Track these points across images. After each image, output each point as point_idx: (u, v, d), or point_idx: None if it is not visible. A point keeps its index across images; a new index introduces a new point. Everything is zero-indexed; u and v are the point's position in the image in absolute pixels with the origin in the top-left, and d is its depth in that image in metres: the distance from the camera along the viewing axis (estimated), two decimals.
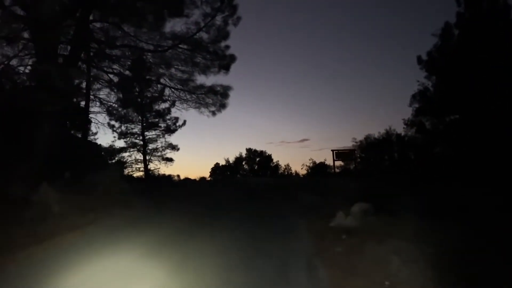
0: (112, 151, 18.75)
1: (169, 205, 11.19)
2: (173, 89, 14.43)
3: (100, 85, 16.40)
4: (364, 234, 4.67)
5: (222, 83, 14.18)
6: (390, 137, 24.98)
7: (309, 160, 36.31)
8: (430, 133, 13.99)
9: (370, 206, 5.90)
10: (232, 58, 14.16)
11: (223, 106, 14.26)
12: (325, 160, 29.53)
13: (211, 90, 13.86)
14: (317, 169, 28.67)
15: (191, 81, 13.69)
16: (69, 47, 12.35)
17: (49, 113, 10.32)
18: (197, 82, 13.85)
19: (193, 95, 14.01)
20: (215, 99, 14.00)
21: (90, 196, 10.77)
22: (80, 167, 13.43)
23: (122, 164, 21.18)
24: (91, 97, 16.49)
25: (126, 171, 23.01)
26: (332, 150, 21.00)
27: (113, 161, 19.87)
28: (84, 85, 15.56)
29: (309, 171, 29.63)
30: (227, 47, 14.02)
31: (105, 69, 14.91)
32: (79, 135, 16.76)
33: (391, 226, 4.59)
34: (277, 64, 61.66)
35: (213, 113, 14.45)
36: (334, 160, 21.32)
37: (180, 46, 13.41)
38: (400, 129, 27.68)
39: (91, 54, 14.41)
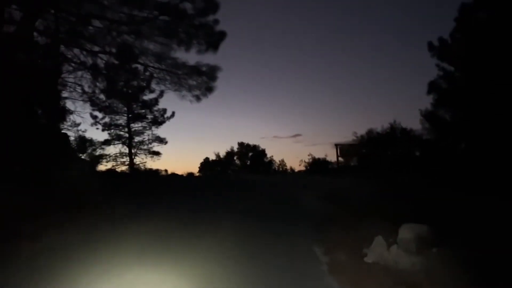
0: (84, 142, 16.53)
1: (142, 208, 9.23)
2: (150, 68, 12.08)
3: (73, 68, 14.05)
4: None
5: (208, 63, 11.97)
6: (395, 131, 23.24)
7: (308, 155, 33.98)
8: (456, 127, 11.92)
9: (430, 229, 3.48)
10: (222, 35, 11.94)
11: (209, 89, 11.93)
12: (326, 155, 27.50)
13: (195, 70, 11.47)
14: (317, 165, 26.46)
15: (170, 58, 11.36)
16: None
17: None
18: (178, 60, 11.54)
19: (174, 76, 11.65)
20: (200, 81, 11.68)
21: (45, 196, 8.76)
22: (39, 161, 11.47)
23: (96, 157, 18.93)
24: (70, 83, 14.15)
25: (111, 165, 21.74)
26: (336, 144, 19.12)
27: (85, 154, 17.64)
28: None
29: (308, 167, 27.42)
30: (216, 21, 11.82)
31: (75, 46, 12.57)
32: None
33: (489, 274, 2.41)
34: (269, 54, 58.59)
35: (197, 98, 12.10)
36: (337, 156, 19.42)
37: (161, 17, 11.22)
38: (403, 123, 25.85)
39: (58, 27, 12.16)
